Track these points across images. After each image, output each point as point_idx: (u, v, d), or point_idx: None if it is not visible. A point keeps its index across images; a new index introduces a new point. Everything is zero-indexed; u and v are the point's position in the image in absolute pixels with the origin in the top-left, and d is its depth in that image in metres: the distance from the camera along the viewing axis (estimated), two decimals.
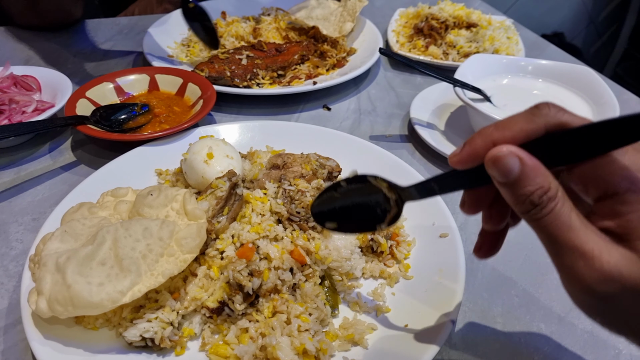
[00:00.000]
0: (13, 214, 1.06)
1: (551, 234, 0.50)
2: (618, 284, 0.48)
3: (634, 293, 0.48)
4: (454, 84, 1.21)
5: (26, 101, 1.26)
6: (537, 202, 0.50)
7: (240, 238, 0.86)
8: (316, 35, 1.70)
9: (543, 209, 0.50)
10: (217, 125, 1.22)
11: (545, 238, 0.52)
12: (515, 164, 0.50)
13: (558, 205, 0.50)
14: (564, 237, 0.50)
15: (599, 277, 0.48)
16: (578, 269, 0.49)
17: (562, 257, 0.50)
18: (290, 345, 0.74)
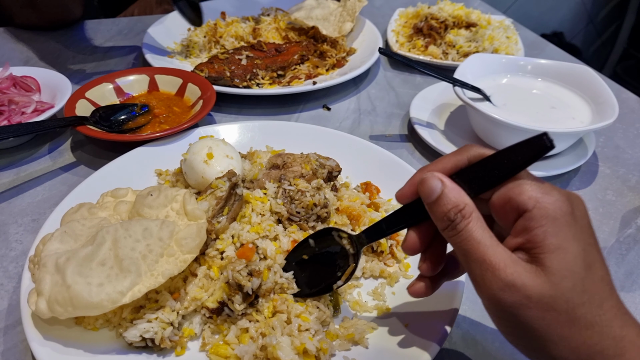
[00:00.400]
0: (13, 214, 1.06)
1: (464, 248, 0.57)
2: (520, 293, 0.53)
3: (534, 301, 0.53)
4: (454, 83, 1.21)
5: (25, 102, 1.26)
6: (453, 218, 0.57)
7: (240, 238, 0.86)
8: (316, 35, 1.70)
9: (457, 225, 0.57)
10: (217, 125, 1.22)
11: (459, 252, 0.58)
12: (437, 185, 0.59)
13: (471, 224, 0.57)
14: (474, 251, 0.56)
15: (503, 286, 0.54)
16: (486, 279, 0.55)
17: (473, 268, 0.56)
18: (290, 345, 0.74)
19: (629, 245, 1.05)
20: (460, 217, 0.57)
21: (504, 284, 0.54)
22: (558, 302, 0.53)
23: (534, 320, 0.54)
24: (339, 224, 0.95)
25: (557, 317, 0.53)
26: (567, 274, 0.53)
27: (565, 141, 1.17)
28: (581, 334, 0.54)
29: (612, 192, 1.19)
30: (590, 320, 0.53)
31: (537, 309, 0.53)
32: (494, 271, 0.54)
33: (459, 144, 1.26)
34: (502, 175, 0.59)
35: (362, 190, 1.06)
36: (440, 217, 0.59)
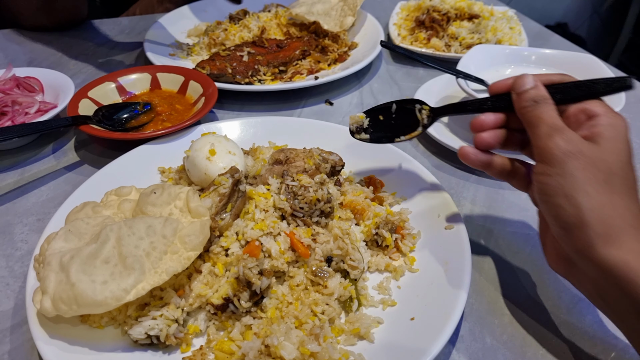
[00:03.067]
0: (18, 215, 1.07)
1: (539, 116, 0.72)
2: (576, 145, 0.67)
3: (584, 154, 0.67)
4: (457, 75, 1.20)
5: (29, 102, 1.26)
6: (538, 100, 0.73)
7: (245, 235, 0.86)
8: (317, 30, 1.69)
9: (539, 102, 0.73)
10: (219, 122, 1.22)
11: (532, 120, 0.73)
12: (531, 81, 0.75)
13: (548, 104, 0.73)
14: (548, 117, 0.71)
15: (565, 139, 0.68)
16: (552, 135, 0.69)
17: (542, 129, 0.71)
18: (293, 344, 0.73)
19: None
20: (543, 100, 0.73)
21: (567, 138, 0.68)
22: (601, 164, 0.66)
23: (579, 171, 0.66)
24: (343, 219, 0.95)
25: (596, 173, 0.65)
26: (613, 153, 0.67)
27: None
28: (609, 195, 0.65)
29: None
30: (619, 189, 0.65)
31: (584, 160, 0.66)
32: (558, 129, 0.69)
33: (463, 136, 1.25)
34: (584, 96, 0.74)
35: (365, 184, 1.06)
36: (527, 98, 0.74)
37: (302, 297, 0.83)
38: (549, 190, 0.68)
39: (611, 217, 0.64)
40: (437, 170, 1.19)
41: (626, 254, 0.62)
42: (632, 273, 0.61)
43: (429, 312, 0.79)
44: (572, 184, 0.66)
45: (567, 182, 0.66)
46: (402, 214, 0.97)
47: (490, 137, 0.80)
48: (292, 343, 0.73)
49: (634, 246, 0.63)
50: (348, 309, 0.84)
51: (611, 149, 0.67)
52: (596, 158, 0.66)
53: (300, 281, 0.84)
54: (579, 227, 0.65)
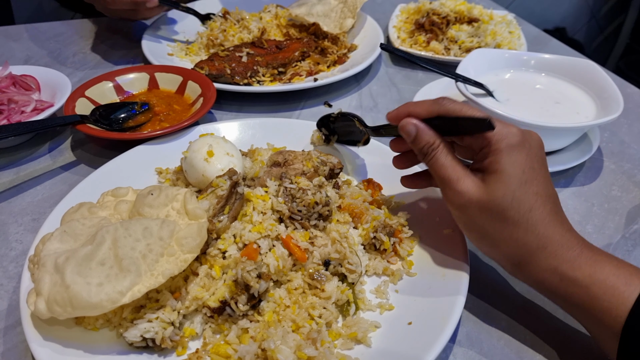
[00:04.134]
0: (13, 214, 1.06)
1: (434, 170, 0.80)
2: (464, 197, 0.75)
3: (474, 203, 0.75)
4: (456, 79, 1.20)
5: (25, 101, 1.25)
6: (426, 151, 0.80)
7: (243, 238, 0.85)
8: (317, 32, 1.69)
9: (428, 154, 0.79)
10: (218, 123, 1.21)
11: (432, 173, 0.81)
12: (412, 129, 0.81)
13: (438, 153, 0.79)
14: (440, 171, 0.78)
15: (455, 193, 0.76)
16: (446, 190, 0.78)
17: (439, 184, 0.80)
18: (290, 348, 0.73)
19: (634, 241, 1.03)
20: (431, 150, 0.79)
21: (456, 191, 0.76)
22: (491, 205, 0.73)
23: (475, 217, 0.76)
24: (341, 222, 0.94)
25: (491, 215, 0.74)
26: (501, 187, 0.73)
27: (570, 136, 1.16)
28: (509, 230, 0.73)
29: (617, 187, 1.17)
30: (517, 220, 0.73)
31: (476, 208, 0.75)
32: (450, 184, 0.77)
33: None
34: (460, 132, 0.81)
35: (364, 187, 1.05)
36: (418, 150, 0.81)
37: (300, 301, 0.82)
38: (462, 227, 0.81)
39: (520, 245, 0.74)
40: None
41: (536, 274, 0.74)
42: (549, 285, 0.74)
43: (426, 317, 0.79)
44: (474, 227, 0.77)
45: (471, 226, 0.78)
46: (401, 218, 0.96)
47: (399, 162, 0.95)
48: (288, 347, 0.72)
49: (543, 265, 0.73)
50: (345, 313, 0.83)
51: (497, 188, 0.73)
52: (485, 202, 0.74)
53: (298, 285, 0.84)
54: (495, 259, 0.80)
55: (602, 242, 1.02)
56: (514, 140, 0.74)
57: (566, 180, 1.18)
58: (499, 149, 0.74)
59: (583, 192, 1.15)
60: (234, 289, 0.79)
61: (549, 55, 1.31)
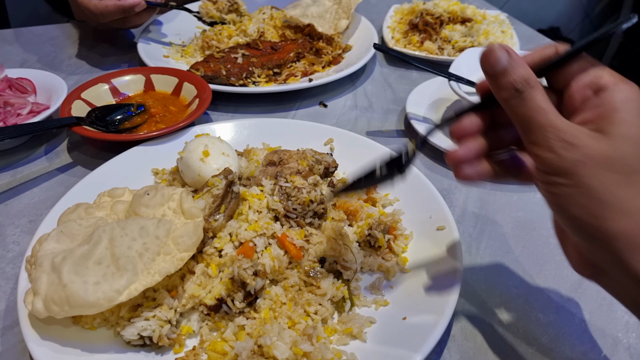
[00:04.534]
0: (9, 216, 1.06)
1: (529, 115, 0.59)
2: (581, 150, 0.55)
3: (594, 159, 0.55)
4: (449, 78, 1.21)
5: (21, 104, 1.25)
6: (519, 87, 0.59)
7: (239, 236, 0.86)
8: (311, 33, 1.70)
9: (524, 92, 0.59)
10: (213, 123, 1.22)
11: (522, 120, 0.60)
12: (504, 56, 0.60)
13: (538, 92, 0.59)
14: (539, 116, 0.58)
15: (565, 144, 0.56)
16: (549, 140, 0.57)
17: (536, 133, 0.58)
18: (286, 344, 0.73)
19: None
20: (528, 86, 0.59)
21: (567, 142, 0.56)
22: (617, 164, 0.55)
23: (591, 179, 0.55)
24: (336, 220, 0.95)
25: (615, 178, 0.55)
26: (630, 142, 0.55)
27: None
28: (634, 199, 0.54)
29: None
30: None
31: (596, 166, 0.55)
32: (557, 132, 0.56)
33: None
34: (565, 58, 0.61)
35: None
36: (506, 86, 0.60)
37: (296, 298, 0.83)
38: (561, 202, 0.58)
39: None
40: (430, 171, 1.20)
41: None
42: None
43: (421, 312, 0.80)
44: (587, 195, 0.55)
45: (582, 194, 0.56)
46: (395, 215, 0.97)
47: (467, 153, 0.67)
48: (285, 343, 0.73)
49: None
50: (341, 309, 0.84)
51: (626, 138, 0.56)
52: (610, 158, 0.55)
53: (294, 282, 0.85)
54: (605, 241, 0.55)
55: None
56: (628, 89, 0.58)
57: None
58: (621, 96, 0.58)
59: None
60: (231, 287, 0.80)
61: None
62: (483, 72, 0.62)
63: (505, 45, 0.61)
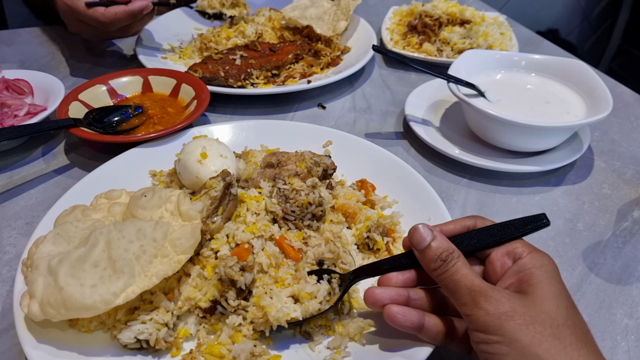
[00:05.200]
0: (6, 218, 1.05)
1: (455, 279, 0.66)
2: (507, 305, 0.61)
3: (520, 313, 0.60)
4: (448, 80, 1.21)
5: (18, 105, 1.25)
6: (444, 258, 0.68)
7: (235, 238, 0.86)
8: (310, 35, 1.70)
9: (449, 263, 0.67)
10: (211, 125, 1.22)
11: (450, 286, 0.66)
12: (428, 233, 0.70)
13: (461, 262, 0.67)
14: (465, 281, 0.65)
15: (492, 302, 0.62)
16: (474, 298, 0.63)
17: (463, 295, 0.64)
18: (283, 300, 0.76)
19: (625, 238, 1.04)
20: (452, 257, 0.67)
21: (492, 298, 0.62)
22: (542, 318, 0.59)
23: (520, 333, 0.58)
24: (335, 222, 0.95)
25: (542, 331, 0.58)
26: (550, 299, 0.61)
27: (561, 135, 1.17)
28: (564, 353, 0.57)
29: (607, 185, 1.19)
30: (570, 341, 0.58)
31: (522, 321, 0.59)
32: (482, 291, 0.63)
33: (454, 140, 1.25)
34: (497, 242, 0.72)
35: (357, 187, 1.06)
36: (433, 259, 0.68)
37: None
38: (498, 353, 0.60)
39: None
40: (429, 173, 1.20)
41: None
42: None
43: None
44: (520, 350, 0.58)
45: (515, 350, 0.58)
46: (394, 217, 0.97)
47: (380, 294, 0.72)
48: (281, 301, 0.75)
49: None
50: (339, 312, 0.84)
51: (546, 296, 0.61)
52: (535, 312, 0.60)
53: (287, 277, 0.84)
54: None
55: (593, 240, 1.03)
56: (549, 260, 0.67)
57: (557, 179, 1.19)
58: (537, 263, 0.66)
59: (574, 191, 1.16)
60: (221, 287, 0.79)
61: (539, 55, 1.32)
62: (413, 247, 0.72)
63: (428, 225, 0.71)
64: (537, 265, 0.66)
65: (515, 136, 1.15)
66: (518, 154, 1.20)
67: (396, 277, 0.74)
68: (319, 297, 0.80)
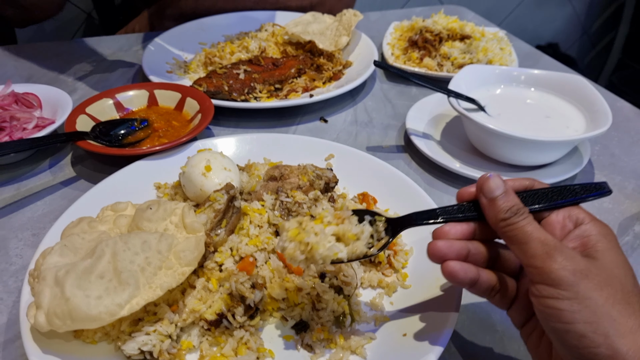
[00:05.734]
0: (13, 229, 1.07)
1: (526, 230, 0.64)
2: (582, 263, 0.60)
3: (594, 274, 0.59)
4: (448, 94, 1.23)
5: (27, 118, 1.27)
6: (516, 211, 0.65)
7: (239, 251, 0.87)
8: (312, 49, 1.72)
9: (520, 215, 0.65)
10: (215, 138, 1.24)
11: (518, 236, 0.64)
12: (500, 183, 0.68)
13: (530, 216, 0.66)
14: (536, 233, 0.63)
15: (566, 257, 0.60)
16: (548, 250, 0.61)
17: (535, 247, 0.62)
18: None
19: (626, 252, 1.04)
20: (523, 210, 0.65)
21: (566, 254, 0.60)
22: (613, 281, 0.59)
23: (594, 292, 0.57)
24: None
25: (614, 293, 0.58)
26: (618, 265, 0.61)
27: (561, 150, 1.18)
28: (635, 317, 0.56)
29: (608, 200, 1.20)
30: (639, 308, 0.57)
31: (597, 279, 0.58)
32: (557, 247, 0.61)
33: (455, 154, 1.27)
34: (567, 202, 0.70)
35: (359, 200, 1.07)
36: (503, 209, 0.66)
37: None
38: (563, 317, 0.58)
39: None
40: (430, 186, 1.21)
41: None
42: None
43: (421, 328, 0.80)
44: (592, 308, 0.57)
45: (586, 307, 0.57)
46: None
47: (447, 249, 0.69)
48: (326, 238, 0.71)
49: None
50: (341, 325, 0.84)
51: (615, 263, 0.61)
52: (606, 275, 0.59)
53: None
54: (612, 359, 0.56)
55: None
56: (609, 229, 0.66)
57: None
58: (598, 229, 0.65)
59: None
60: (230, 302, 0.80)
61: (539, 70, 1.34)
62: (482, 195, 0.69)
63: (499, 175, 0.69)
64: (602, 233, 0.65)
65: (516, 150, 1.17)
66: (519, 167, 1.21)
67: (454, 229, 0.71)
68: (362, 239, 0.73)
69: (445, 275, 0.69)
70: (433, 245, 0.70)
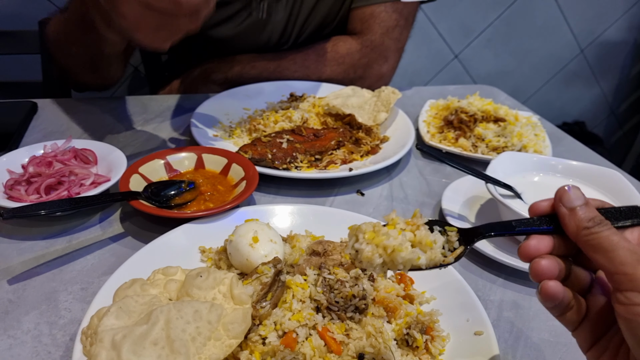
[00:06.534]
0: (63, 282, 1.12)
1: (611, 239, 0.63)
2: None
3: None
4: (486, 180, 1.27)
5: (85, 174, 1.36)
6: (599, 221, 0.65)
7: (282, 326, 0.89)
8: (351, 122, 1.81)
9: (604, 225, 0.65)
10: (260, 206, 1.29)
11: (606, 246, 0.63)
12: (580, 194, 0.68)
13: (612, 227, 0.65)
14: (621, 242, 0.62)
15: None
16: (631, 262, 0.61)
17: (623, 255, 0.62)
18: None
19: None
20: (605, 221, 0.65)
21: None
22: None
23: None
24: (376, 315, 0.98)
25: None
26: None
27: None
28: None
29: None
30: None
31: None
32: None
33: (490, 238, 1.29)
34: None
35: (396, 280, 1.10)
36: (585, 219, 0.66)
37: None
38: None
39: None
40: (464, 269, 1.23)
41: None
42: None
43: None
44: None
45: None
46: (433, 315, 0.99)
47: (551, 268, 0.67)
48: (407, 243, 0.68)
49: None
50: None
51: None
52: None
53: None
54: None
55: None
56: None
57: None
58: None
59: None
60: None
61: (577, 162, 1.38)
62: (561, 205, 0.68)
63: (577, 187, 0.69)
64: None
65: None
66: None
67: (537, 246, 0.69)
68: (435, 248, 0.71)
69: (545, 296, 0.68)
70: (537, 265, 0.68)
